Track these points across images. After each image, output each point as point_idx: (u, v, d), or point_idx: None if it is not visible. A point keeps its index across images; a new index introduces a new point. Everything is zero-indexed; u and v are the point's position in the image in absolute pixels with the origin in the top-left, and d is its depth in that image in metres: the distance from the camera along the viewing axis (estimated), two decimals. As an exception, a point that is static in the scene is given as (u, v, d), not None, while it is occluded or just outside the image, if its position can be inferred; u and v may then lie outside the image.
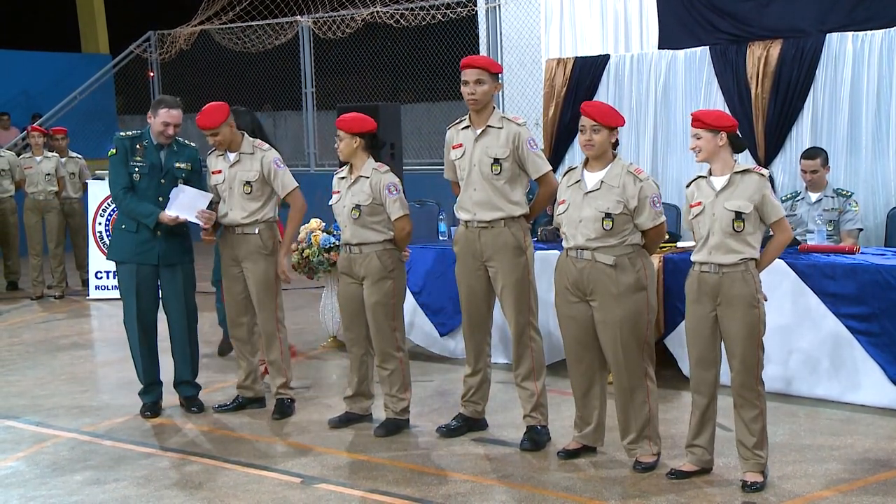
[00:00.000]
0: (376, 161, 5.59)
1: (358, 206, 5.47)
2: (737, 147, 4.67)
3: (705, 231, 4.62)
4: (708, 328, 4.63)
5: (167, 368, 6.28)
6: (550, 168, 5.33)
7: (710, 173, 4.68)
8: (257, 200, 5.92)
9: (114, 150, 6.03)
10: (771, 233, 4.75)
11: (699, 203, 4.65)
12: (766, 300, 4.64)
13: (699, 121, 4.61)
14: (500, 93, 11.37)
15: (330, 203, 5.70)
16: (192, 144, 6.22)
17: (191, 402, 6.21)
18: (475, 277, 5.36)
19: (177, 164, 6.03)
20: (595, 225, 4.76)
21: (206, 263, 7.27)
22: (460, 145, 5.35)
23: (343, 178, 5.63)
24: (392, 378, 5.62)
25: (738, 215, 4.53)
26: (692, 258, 4.70)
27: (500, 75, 5.31)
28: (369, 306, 5.55)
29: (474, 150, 5.27)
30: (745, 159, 8.31)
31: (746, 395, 4.59)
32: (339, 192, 5.62)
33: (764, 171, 4.66)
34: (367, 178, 5.51)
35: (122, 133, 6.14)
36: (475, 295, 5.39)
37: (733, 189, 4.58)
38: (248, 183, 5.89)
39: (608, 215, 4.74)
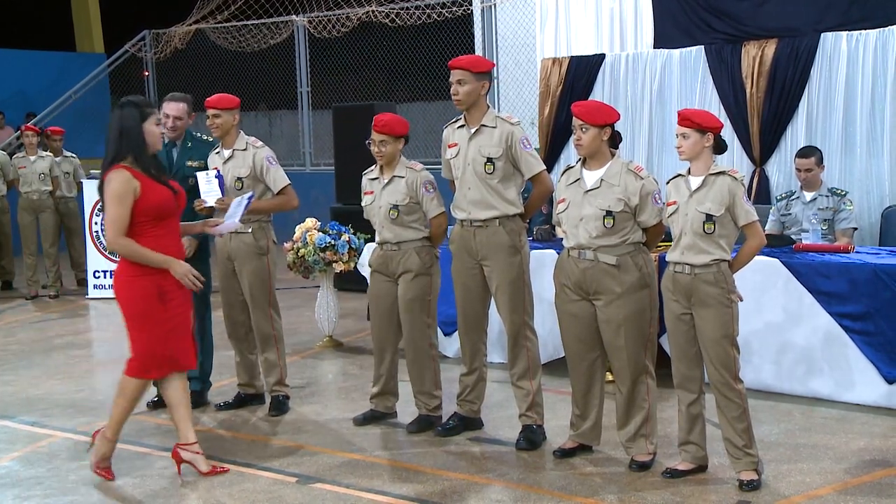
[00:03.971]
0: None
1: (396, 207, 5.45)
2: (719, 148, 4.67)
3: (678, 231, 4.64)
4: (685, 325, 4.65)
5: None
6: (544, 167, 5.33)
7: (690, 172, 4.69)
8: None
9: None
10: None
11: (674, 202, 4.67)
12: (741, 300, 4.65)
13: (688, 120, 4.59)
14: (496, 92, 11.40)
15: (363, 204, 5.67)
16: (209, 139, 6.19)
17: (192, 397, 6.23)
18: (470, 276, 5.36)
19: (188, 163, 6.04)
20: (596, 223, 4.76)
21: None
22: (455, 144, 5.36)
23: (375, 178, 5.60)
24: (424, 375, 5.61)
25: (709, 217, 4.53)
26: (667, 258, 4.72)
27: (488, 73, 5.29)
28: (406, 302, 5.52)
29: (468, 149, 5.27)
30: (739, 158, 8.35)
31: (727, 395, 4.60)
32: (372, 192, 5.59)
33: (738, 173, 4.65)
34: (403, 177, 5.49)
35: None
36: (470, 294, 5.40)
37: (706, 190, 4.58)
38: (239, 179, 5.89)
39: (609, 213, 4.74)
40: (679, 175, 4.74)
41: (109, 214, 4.69)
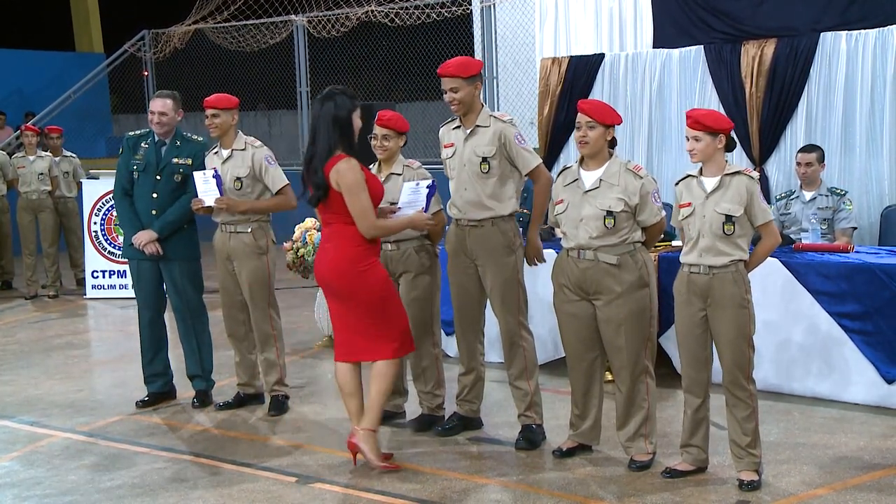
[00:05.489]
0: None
1: (395, 204, 5.43)
2: (729, 147, 4.66)
3: (695, 233, 4.60)
4: (698, 328, 4.63)
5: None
6: (540, 160, 5.28)
7: (701, 173, 4.67)
8: (247, 198, 5.92)
9: (120, 150, 6.21)
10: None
11: (689, 204, 4.64)
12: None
13: (699, 123, 4.55)
14: (496, 92, 11.40)
15: None
16: (199, 139, 6.26)
17: (196, 396, 6.28)
18: (466, 276, 5.35)
19: (175, 160, 6.06)
20: (596, 223, 4.75)
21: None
22: (451, 144, 5.35)
23: None
24: (427, 374, 5.60)
25: (729, 218, 4.52)
26: (681, 259, 4.69)
27: (479, 74, 5.23)
28: (407, 302, 5.47)
29: (464, 149, 5.26)
30: (738, 158, 8.34)
31: (738, 395, 4.60)
32: None
33: (754, 173, 4.64)
34: (400, 174, 5.47)
35: (130, 133, 6.28)
36: (466, 293, 5.39)
37: (724, 191, 4.56)
38: (238, 178, 5.90)
39: (609, 213, 4.73)
40: (690, 176, 4.70)
41: (360, 204, 4.79)
